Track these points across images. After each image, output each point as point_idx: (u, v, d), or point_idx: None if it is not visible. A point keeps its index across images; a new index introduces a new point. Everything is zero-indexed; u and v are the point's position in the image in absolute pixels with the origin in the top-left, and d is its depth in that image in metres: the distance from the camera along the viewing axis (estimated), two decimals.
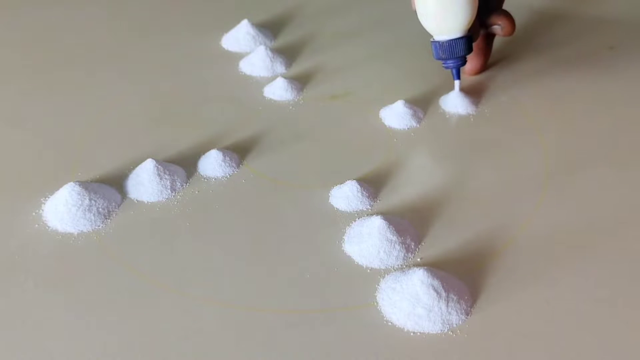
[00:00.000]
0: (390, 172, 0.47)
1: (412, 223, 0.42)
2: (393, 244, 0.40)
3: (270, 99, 0.55)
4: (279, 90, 0.55)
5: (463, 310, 0.36)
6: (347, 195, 0.44)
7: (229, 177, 0.46)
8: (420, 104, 0.53)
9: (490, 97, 0.55)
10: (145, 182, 0.44)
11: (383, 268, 0.39)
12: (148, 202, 0.44)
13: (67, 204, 0.42)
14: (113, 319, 0.36)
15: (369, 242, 0.40)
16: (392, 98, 0.53)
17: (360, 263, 0.40)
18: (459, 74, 0.52)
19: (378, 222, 0.40)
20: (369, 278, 0.39)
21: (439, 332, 0.35)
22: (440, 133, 0.51)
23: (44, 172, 0.46)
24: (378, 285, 0.38)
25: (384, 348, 0.35)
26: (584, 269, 0.39)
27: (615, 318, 0.36)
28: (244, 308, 0.37)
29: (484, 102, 0.54)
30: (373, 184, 0.45)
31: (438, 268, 0.39)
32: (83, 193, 0.42)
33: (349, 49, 0.62)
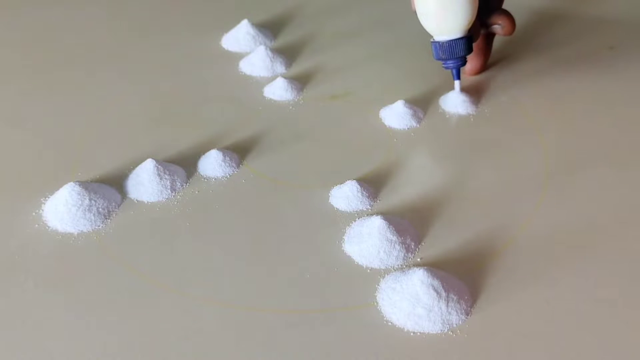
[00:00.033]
0: (390, 172, 0.47)
1: (412, 223, 0.42)
2: (393, 244, 0.40)
3: (270, 99, 0.55)
4: (279, 90, 0.55)
5: (463, 310, 0.36)
6: (347, 195, 0.44)
7: (229, 177, 0.46)
8: (420, 104, 0.53)
9: (490, 97, 0.55)
10: (145, 182, 0.44)
11: (383, 268, 0.39)
12: (148, 202, 0.44)
13: (67, 204, 0.42)
14: (113, 319, 0.36)
15: (369, 242, 0.40)
16: (392, 98, 0.53)
17: (360, 263, 0.40)
18: (459, 74, 0.52)
19: (378, 222, 0.40)
20: (369, 278, 0.39)
21: (439, 332, 0.35)
22: (440, 133, 0.51)
23: (44, 172, 0.46)
24: (378, 285, 0.38)
25: (384, 348, 0.35)
26: (584, 269, 0.39)
27: (615, 318, 0.36)
28: (244, 308, 0.37)
29: (484, 102, 0.54)
30: (373, 184, 0.45)
31: (438, 268, 0.39)
32: (83, 193, 0.42)
33: (349, 49, 0.62)
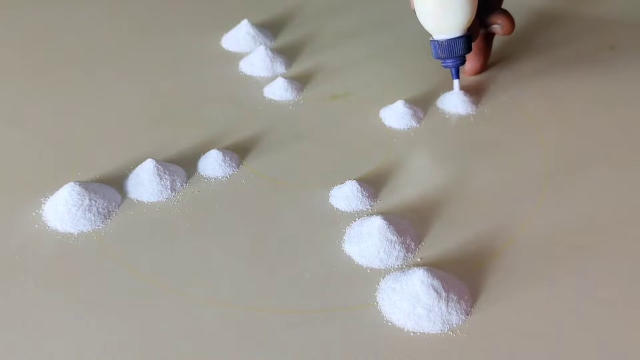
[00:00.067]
0: (390, 172, 0.47)
1: (412, 223, 0.42)
2: (393, 244, 0.40)
3: (270, 99, 0.55)
4: (279, 90, 0.55)
5: (463, 310, 0.36)
6: (347, 195, 0.44)
7: (229, 177, 0.46)
8: (420, 104, 0.53)
9: (490, 97, 0.55)
10: (145, 182, 0.44)
11: (383, 268, 0.39)
12: (148, 202, 0.44)
13: (67, 204, 0.42)
14: (113, 319, 0.36)
15: (369, 242, 0.40)
16: (392, 98, 0.53)
17: (360, 263, 0.40)
18: (458, 74, 0.52)
19: (378, 222, 0.40)
20: (369, 278, 0.39)
21: (439, 332, 0.35)
22: (440, 133, 0.51)
23: (44, 172, 0.46)
24: (378, 285, 0.38)
25: (384, 348, 0.35)
26: (584, 269, 0.39)
27: (615, 318, 0.36)
28: (244, 308, 0.37)
29: (484, 102, 0.54)
30: (373, 184, 0.45)
31: (438, 268, 0.38)
32: (83, 193, 0.42)
33: (349, 49, 0.62)
